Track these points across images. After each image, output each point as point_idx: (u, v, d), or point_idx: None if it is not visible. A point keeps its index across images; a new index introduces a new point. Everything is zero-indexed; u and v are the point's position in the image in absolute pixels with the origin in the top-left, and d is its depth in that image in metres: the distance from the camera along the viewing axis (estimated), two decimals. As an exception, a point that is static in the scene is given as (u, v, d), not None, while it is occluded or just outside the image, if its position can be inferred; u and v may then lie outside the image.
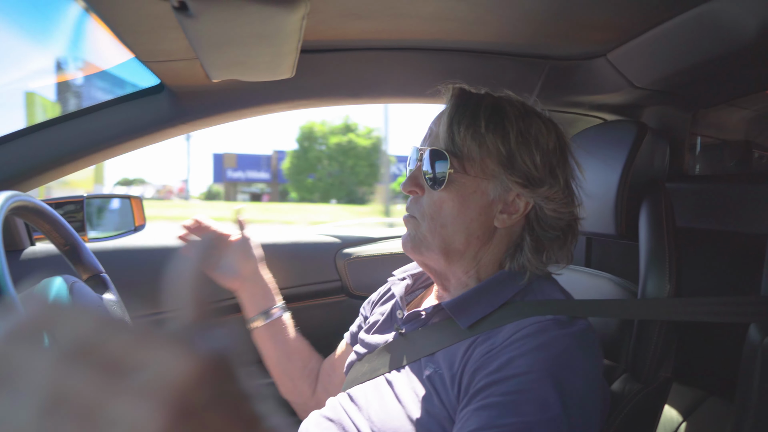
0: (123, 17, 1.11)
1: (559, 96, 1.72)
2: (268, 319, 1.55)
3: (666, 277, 1.19)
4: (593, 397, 0.98)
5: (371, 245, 2.24)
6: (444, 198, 1.12)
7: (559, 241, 1.15)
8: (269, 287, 1.58)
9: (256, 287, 1.56)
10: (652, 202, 1.30)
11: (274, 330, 1.55)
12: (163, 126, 1.64)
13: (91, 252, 1.32)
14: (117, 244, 1.97)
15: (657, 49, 1.36)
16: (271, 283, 1.59)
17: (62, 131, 1.62)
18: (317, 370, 1.57)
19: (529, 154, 1.09)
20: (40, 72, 12.81)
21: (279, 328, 1.56)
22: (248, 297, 1.56)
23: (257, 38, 1.09)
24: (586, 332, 1.03)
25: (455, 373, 1.04)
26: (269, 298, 1.57)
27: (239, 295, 1.58)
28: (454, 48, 1.55)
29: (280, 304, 1.59)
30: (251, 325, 1.55)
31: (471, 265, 1.16)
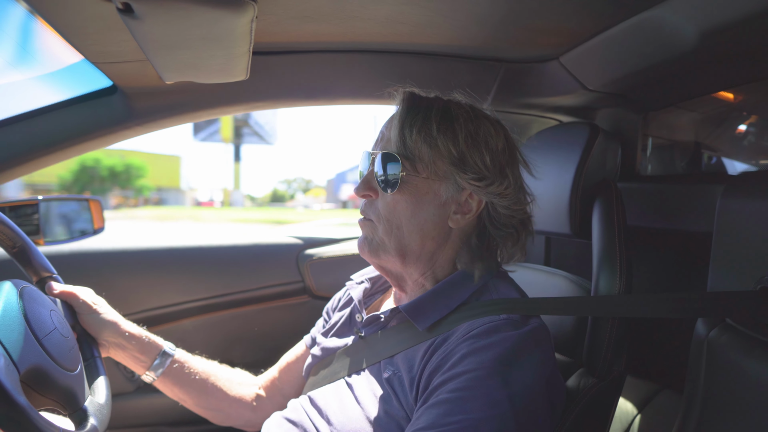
0: (68, 19, 1.09)
1: (514, 98, 1.74)
2: (160, 370, 1.37)
3: (617, 274, 1.21)
4: (542, 394, 1.00)
5: (333, 246, 2.24)
6: (398, 200, 1.13)
7: (513, 237, 1.17)
8: (142, 338, 1.37)
9: (127, 348, 1.35)
10: (604, 201, 1.32)
11: (174, 375, 1.40)
12: (117, 128, 1.60)
13: (42, 254, 1.28)
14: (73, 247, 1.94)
15: (607, 52, 1.39)
16: (141, 333, 1.38)
17: (10, 134, 1.57)
18: (251, 390, 1.50)
19: (480, 155, 1.11)
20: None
21: (178, 372, 1.40)
22: (126, 359, 1.36)
23: (207, 41, 1.08)
24: (537, 330, 1.05)
25: (414, 376, 1.05)
26: (149, 349, 1.38)
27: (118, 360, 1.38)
28: (409, 51, 1.55)
29: (166, 347, 1.41)
30: (147, 381, 1.39)
31: (427, 266, 1.17)
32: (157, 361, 1.37)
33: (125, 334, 1.34)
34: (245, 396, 1.47)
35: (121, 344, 1.33)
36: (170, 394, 1.42)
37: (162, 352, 1.38)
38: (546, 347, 1.06)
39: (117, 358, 1.36)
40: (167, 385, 1.40)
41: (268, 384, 1.51)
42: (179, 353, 1.42)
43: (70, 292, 1.29)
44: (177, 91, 1.59)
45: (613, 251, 1.24)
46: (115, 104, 1.60)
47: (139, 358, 1.36)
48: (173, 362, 1.39)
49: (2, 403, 0.81)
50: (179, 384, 1.40)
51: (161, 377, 1.38)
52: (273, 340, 2.08)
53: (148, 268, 2.01)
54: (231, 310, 2.10)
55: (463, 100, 1.19)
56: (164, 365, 1.37)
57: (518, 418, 0.93)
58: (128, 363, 1.37)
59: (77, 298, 1.29)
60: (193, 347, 1.95)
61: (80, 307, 1.30)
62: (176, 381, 1.40)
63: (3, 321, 0.94)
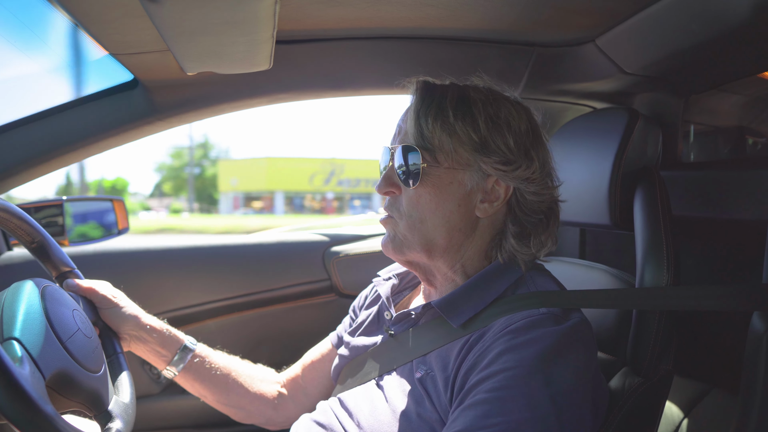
0: (86, 6, 1.06)
1: (547, 84, 1.69)
2: (181, 365, 1.35)
3: (664, 266, 1.16)
4: (585, 394, 0.95)
5: (360, 242, 2.20)
6: (420, 193, 1.09)
7: (542, 224, 1.13)
8: (163, 332, 1.36)
9: (148, 342, 1.33)
10: (646, 190, 1.26)
11: (195, 370, 1.38)
12: (139, 123, 1.59)
13: (61, 248, 1.27)
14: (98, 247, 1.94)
15: (647, 33, 1.33)
16: (162, 327, 1.36)
17: (32, 132, 1.56)
18: (272, 388, 1.47)
19: (502, 138, 1.07)
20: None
21: (199, 367, 1.38)
22: (147, 353, 1.35)
23: (229, 26, 1.05)
24: (580, 326, 1.00)
25: (449, 375, 1.01)
26: (170, 343, 1.36)
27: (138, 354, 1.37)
28: (437, 36, 1.51)
29: (187, 341, 1.39)
30: (167, 377, 1.37)
31: (456, 259, 1.13)
32: (178, 355, 1.35)
33: (146, 327, 1.32)
34: (267, 393, 1.45)
35: (141, 337, 1.32)
36: (191, 390, 1.41)
37: (183, 346, 1.37)
38: (589, 344, 1.02)
39: (137, 352, 1.35)
40: (188, 380, 1.38)
41: (290, 382, 1.48)
42: (200, 348, 1.40)
43: (89, 287, 1.28)
44: (198, 84, 1.57)
45: (659, 242, 1.18)
46: (136, 99, 1.59)
47: (160, 351, 1.34)
48: (194, 356, 1.37)
49: (29, 413, 0.79)
50: (200, 379, 1.38)
51: (182, 372, 1.36)
52: (299, 340, 2.05)
53: (173, 268, 2.00)
54: (256, 309, 2.07)
55: (482, 84, 1.15)
56: (185, 359, 1.36)
57: (561, 421, 0.88)
58: (149, 357, 1.35)
59: (96, 292, 1.28)
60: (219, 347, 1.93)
61: (100, 302, 1.28)
62: (197, 376, 1.38)
63: (26, 324, 0.93)
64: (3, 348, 0.85)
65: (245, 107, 1.67)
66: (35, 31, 1.46)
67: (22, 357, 0.86)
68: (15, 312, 0.94)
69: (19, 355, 0.86)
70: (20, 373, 0.80)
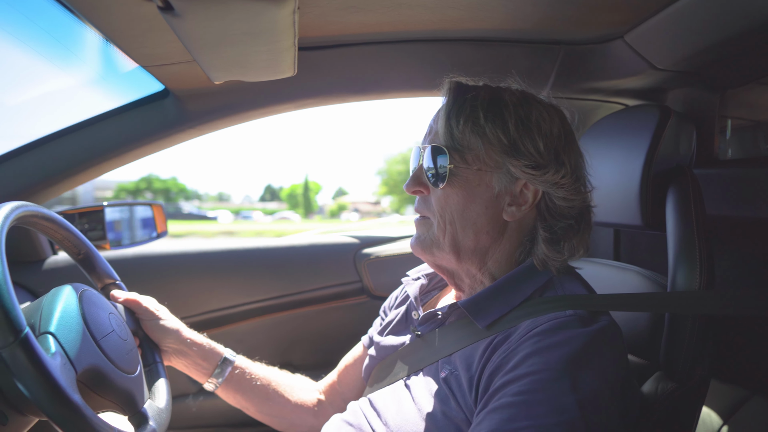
0: (115, 22, 1.10)
1: (575, 83, 1.65)
2: (221, 377, 1.37)
3: (697, 269, 1.12)
4: (614, 399, 0.93)
5: (391, 244, 2.20)
6: (448, 194, 1.09)
7: (573, 230, 1.10)
8: (204, 345, 1.38)
9: (188, 355, 1.35)
10: (678, 189, 1.23)
11: (236, 382, 1.39)
12: (171, 131, 1.64)
13: (106, 261, 1.31)
14: (137, 251, 1.99)
15: (678, 27, 1.29)
16: (202, 341, 1.38)
17: (72, 142, 1.63)
18: (312, 396, 1.48)
19: (532, 141, 1.06)
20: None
21: (240, 378, 1.39)
22: (188, 366, 1.37)
23: (250, 36, 1.06)
24: (608, 328, 0.98)
25: (473, 375, 1.00)
26: (210, 356, 1.38)
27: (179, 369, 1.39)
28: (461, 38, 1.50)
29: (227, 353, 1.40)
30: (209, 389, 1.39)
31: (483, 262, 1.12)
32: (219, 368, 1.37)
33: (187, 340, 1.35)
34: (307, 401, 1.46)
35: (182, 351, 1.34)
36: (233, 402, 1.42)
37: (223, 358, 1.39)
38: (618, 347, 0.99)
39: (178, 366, 1.37)
40: (229, 392, 1.40)
41: (328, 388, 1.49)
42: (240, 360, 1.42)
43: (133, 299, 1.31)
44: (227, 92, 1.60)
45: (691, 243, 1.15)
46: (168, 108, 1.63)
47: (201, 364, 1.36)
48: (234, 369, 1.39)
49: (57, 400, 0.83)
50: (241, 391, 1.40)
51: (223, 384, 1.38)
52: (332, 342, 2.07)
53: (209, 271, 2.04)
54: (290, 311, 2.10)
55: (515, 86, 1.14)
56: (226, 372, 1.37)
57: (589, 426, 0.86)
58: (190, 371, 1.38)
59: (140, 304, 1.31)
60: (253, 349, 1.97)
61: (143, 314, 1.32)
62: (238, 388, 1.39)
63: (62, 322, 0.97)
64: (38, 341, 0.89)
65: (273, 113, 1.69)
66: (70, 48, 1.53)
67: (55, 350, 0.90)
68: (52, 310, 0.98)
69: (53, 349, 0.90)
70: (50, 362, 0.84)
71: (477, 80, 1.15)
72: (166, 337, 1.32)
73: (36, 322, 0.95)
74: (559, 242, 1.10)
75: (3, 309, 0.81)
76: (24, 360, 0.81)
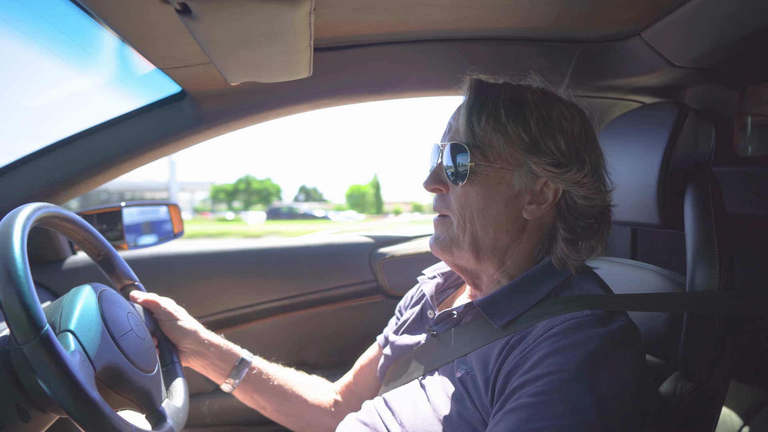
0: (133, 25, 1.11)
1: (592, 81, 1.64)
2: (238, 378, 1.38)
3: (716, 268, 1.10)
4: (632, 400, 0.92)
5: (406, 244, 2.20)
6: (468, 192, 1.08)
7: (593, 229, 1.10)
8: (221, 346, 1.39)
9: (206, 356, 1.37)
10: (697, 187, 1.21)
11: (253, 383, 1.40)
12: (188, 132, 1.65)
13: (125, 261, 1.33)
14: (154, 251, 2.01)
15: (697, 23, 1.27)
16: (220, 342, 1.40)
17: (91, 143, 1.65)
18: (329, 396, 1.49)
19: (553, 139, 1.05)
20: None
21: (257, 379, 1.40)
22: (205, 367, 1.38)
23: (266, 38, 1.07)
24: (626, 328, 0.97)
25: (489, 375, 1.00)
26: (228, 357, 1.39)
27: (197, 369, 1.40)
28: (476, 37, 1.50)
29: (244, 354, 1.41)
30: (226, 390, 1.40)
31: (502, 261, 1.12)
32: (236, 369, 1.38)
33: (204, 341, 1.36)
34: (323, 402, 1.46)
35: (200, 351, 1.36)
36: (250, 403, 1.43)
37: (240, 359, 1.40)
38: (636, 347, 0.98)
39: (196, 366, 1.38)
40: (247, 392, 1.41)
41: (344, 389, 1.50)
42: (257, 360, 1.43)
43: (152, 300, 1.33)
44: (243, 93, 1.61)
45: (710, 242, 1.13)
46: (185, 109, 1.65)
47: (219, 365, 1.37)
48: (251, 369, 1.40)
49: (76, 396, 0.84)
50: (259, 391, 1.41)
51: (241, 385, 1.39)
52: (348, 341, 2.08)
53: (225, 271, 2.05)
54: (305, 310, 2.10)
55: (535, 84, 1.13)
56: (243, 373, 1.39)
57: (607, 427, 0.85)
58: (208, 372, 1.39)
59: (159, 305, 1.33)
60: (269, 348, 1.98)
61: (161, 315, 1.33)
62: (256, 388, 1.40)
63: (81, 320, 0.98)
64: (58, 338, 0.91)
65: (289, 113, 1.70)
66: (88, 51, 1.55)
67: (74, 347, 0.92)
68: (72, 309, 1.00)
69: (72, 347, 0.92)
70: (69, 359, 0.85)
71: (497, 78, 1.14)
72: (184, 337, 1.34)
73: (56, 320, 0.97)
74: (578, 241, 1.10)
75: (24, 307, 0.83)
76: (44, 356, 0.83)
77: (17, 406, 0.89)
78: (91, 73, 1.72)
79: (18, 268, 0.85)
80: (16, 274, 0.85)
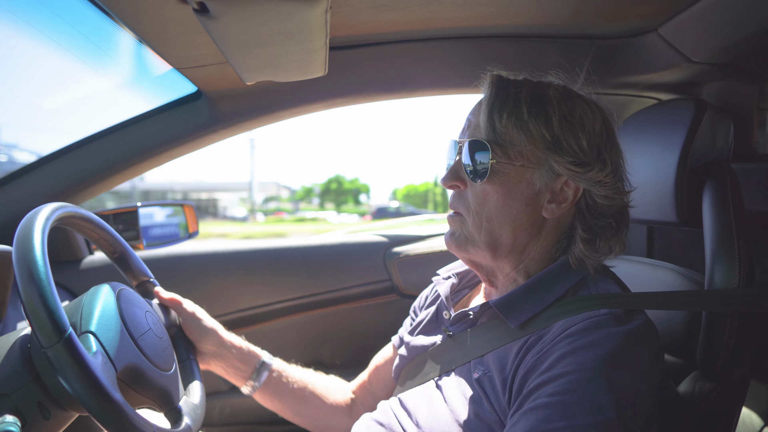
0: (150, 25, 1.12)
1: (608, 78, 1.62)
2: (259, 381, 1.38)
3: (735, 265, 1.09)
4: (652, 399, 0.91)
5: (420, 243, 2.20)
6: (487, 190, 1.07)
7: (612, 229, 1.09)
8: (242, 348, 1.39)
9: (227, 358, 1.37)
10: (716, 184, 1.20)
11: (273, 385, 1.40)
12: (204, 132, 1.66)
13: (140, 259, 1.35)
14: (170, 251, 2.03)
15: (713, 18, 1.26)
16: (240, 343, 1.40)
17: (108, 144, 1.67)
18: (346, 396, 1.49)
19: (575, 138, 1.04)
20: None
21: (277, 381, 1.40)
22: (226, 369, 1.38)
23: (283, 36, 1.07)
24: (644, 327, 0.96)
25: (507, 376, 0.99)
26: (248, 359, 1.39)
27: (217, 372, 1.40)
28: (491, 34, 1.49)
29: (264, 356, 1.42)
30: (246, 393, 1.40)
31: (519, 260, 1.11)
32: (257, 371, 1.38)
33: (226, 343, 1.36)
34: (342, 402, 1.47)
35: (221, 353, 1.36)
36: (269, 405, 1.43)
37: (261, 361, 1.40)
38: (655, 346, 0.97)
39: (216, 369, 1.38)
40: (267, 395, 1.41)
41: (360, 389, 1.50)
42: (277, 363, 1.43)
43: (175, 299, 1.34)
44: (258, 92, 1.62)
45: (729, 240, 1.12)
46: (201, 109, 1.66)
47: (240, 367, 1.38)
48: (272, 372, 1.40)
49: (100, 399, 0.85)
50: (279, 393, 1.41)
51: (262, 387, 1.39)
52: (362, 340, 2.08)
53: (240, 270, 2.06)
54: (320, 310, 2.11)
55: (555, 81, 1.12)
56: (264, 375, 1.39)
57: (626, 426, 0.85)
58: (228, 374, 1.39)
59: (181, 305, 1.34)
60: (284, 347, 1.98)
61: (184, 315, 1.34)
62: (276, 391, 1.40)
63: (101, 321, 0.99)
64: (80, 340, 0.92)
65: (304, 113, 1.70)
66: (107, 52, 1.57)
67: (96, 349, 0.93)
68: (92, 309, 1.01)
69: (94, 348, 0.93)
70: (93, 362, 0.86)
71: (517, 74, 1.13)
72: (205, 338, 1.34)
73: (77, 321, 0.98)
74: (596, 240, 1.09)
75: (48, 311, 0.84)
76: (68, 359, 0.84)
77: (39, 404, 0.90)
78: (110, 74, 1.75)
79: (40, 271, 0.86)
80: (39, 277, 0.86)
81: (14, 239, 0.90)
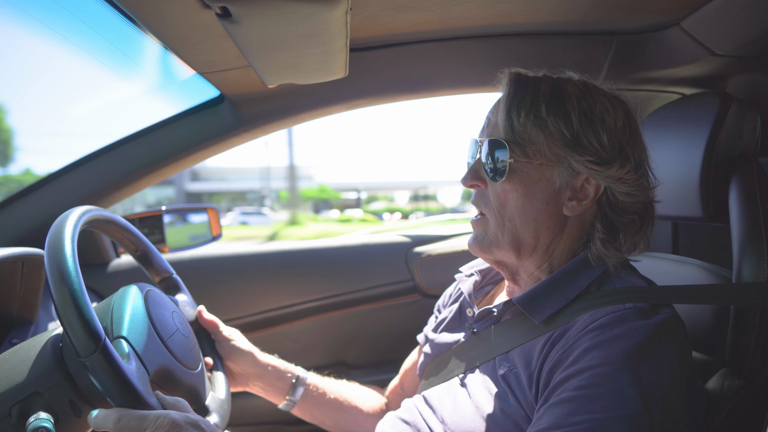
0: (174, 31, 1.14)
1: (630, 73, 1.60)
2: (295, 396, 1.40)
3: (764, 260, 1.08)
4: (680, 394, 0.90)
5: (442, 242, 2.20)
6: (507, 189, 1.07)
7: (635, 225, 1.08)
8: (278, 366, 1.41)
9: (265, 377, 1.39)
10: (743, 179, 1.18)
11: (311, 399, 1.42)
12: (227, 135, 1.69)
13: (162, 256, 1.38)
14: (194, 254, 2.06)
15: (738, 10, 1.24)
16: (275, 362, 1.42)
17: (134, 149, 1.70)
18: (380, 402, 1.50)
19: (595, 135, 1.03)
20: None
21: (314, 394, 1.42)
22: (265, 388, 1.40)
23: (304, 39, 1.09)
24: (670, 322, 0.96)
25: (533, 372, 0.99)
26: (284, 377, 1.41)
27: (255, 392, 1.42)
28: (510, 32, 1.49)
29: (299, 372, 1.43)
30: (285, 409, 1.42)
31: (543, 259, 1.11)
32: (293, 387, 1.40)
33: (262, 363, 1.38)
34: (377, 408, 1.48)
35: (260, 374, 1.38)
36: (309, 419, 1.45)
37: (297, 377, 1.42)
38: (681, 340, 0.96)
39: (255, 389, 1.40)
40: (306, 409, 1.42)
41: (392, 393, 1.52)
42: (311, 377, 1.44)
43: (213, 321, 1.37)
44: (280, 95, 1.64)
45: (758, 234, 1.10)
46: (223, 113, 1.69)
47: (277, 385, 1.40)
48: (308, 386, 1.42)
49: (136, 405, 0.88)
50: (317, 406, 1.42)
51: (300, 402, 1.40)
52: (385, 340, 2.08)
53: (263, 272, 2.08)
54: (343, 310, 2.12)
55: (575, 77, 1.11)
56: (300, 390, 1.40)
57: (653, 420, 0.84)
58: (267, 393, 1.41)
59: (218, 328, 1.36)
60: (307, 348, 2.00)
61: (220, 339, 1.36)
62: (314, 403, 1.42)
63: (132, 325, 1.01)
64: (113, 345, 0.94)
65: (324, 114, 1.72)
66: (132, 58, 1.60)
67: (129, 354, 0.95)
68: (122, 313, 1.03)
69: (127, 352, 0.95)
70: (128, 368, 0.89)
71: (536, 72, 1.12)
72: (242, 360, 1.36)
73: (108, 325, 1.00)
74: (619, 238, 1.08)
75: (83, 321, 0.86)
76: (105, 367, 0.86)
77: (70, 402, 0.92)
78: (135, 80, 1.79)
79: (73, 281, 0.88)
80: (72, 287, 0.88)
81: (45, 247, 0.92)
